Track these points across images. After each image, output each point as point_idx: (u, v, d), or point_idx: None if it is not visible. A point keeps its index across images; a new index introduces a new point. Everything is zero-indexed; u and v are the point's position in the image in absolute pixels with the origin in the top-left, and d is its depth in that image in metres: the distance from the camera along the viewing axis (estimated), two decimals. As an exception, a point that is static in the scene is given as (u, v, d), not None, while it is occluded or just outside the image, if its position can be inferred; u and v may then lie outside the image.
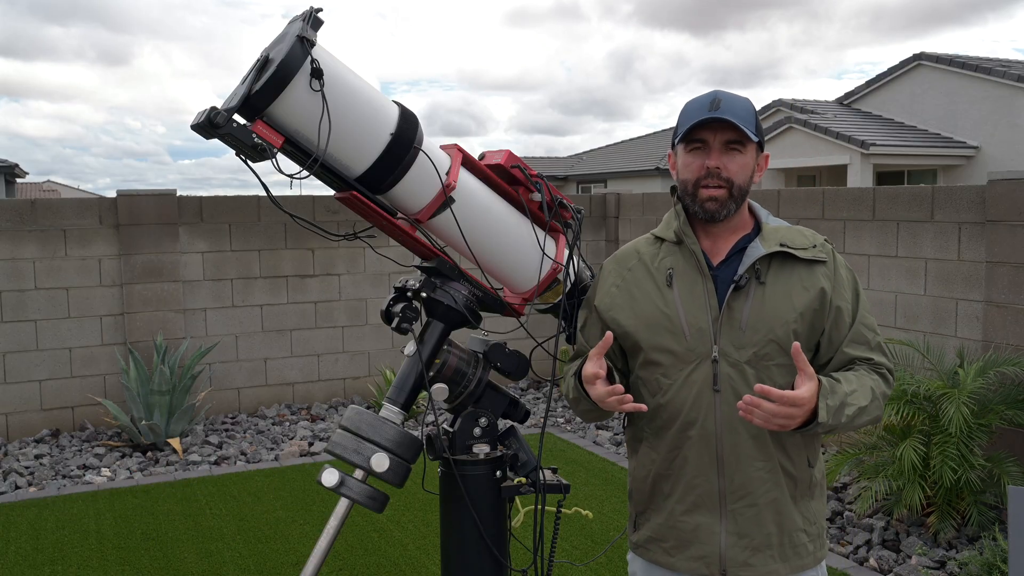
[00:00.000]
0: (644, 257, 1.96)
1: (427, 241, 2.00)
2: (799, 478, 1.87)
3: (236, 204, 6.86)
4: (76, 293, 6.38)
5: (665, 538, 1.91)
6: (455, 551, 2.06)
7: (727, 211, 1.84)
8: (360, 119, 1.78)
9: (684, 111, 1.88)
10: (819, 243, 1.90)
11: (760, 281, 1.83)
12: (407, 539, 4.43)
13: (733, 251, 1.89)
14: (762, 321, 1.81)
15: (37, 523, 4.71)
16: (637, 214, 7.91)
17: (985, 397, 4.27)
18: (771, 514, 1.84)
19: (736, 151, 1.82)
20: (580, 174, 27.23)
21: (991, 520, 4.18)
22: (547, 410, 2.16)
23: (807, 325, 1.83)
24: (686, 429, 1.85)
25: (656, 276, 1.91)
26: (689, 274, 1.88)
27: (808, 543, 1.89)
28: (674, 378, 1.86)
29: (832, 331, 1.86)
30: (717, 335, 1.82)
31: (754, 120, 1.84)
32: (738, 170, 1.82)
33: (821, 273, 1.86)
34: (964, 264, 4.92)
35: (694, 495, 1.86)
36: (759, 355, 1.81)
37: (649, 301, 1.90)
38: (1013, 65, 17.78)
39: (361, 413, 1.95)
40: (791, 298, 1.83)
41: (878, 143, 16.72)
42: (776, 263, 1.86)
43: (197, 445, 6.14)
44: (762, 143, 1.88)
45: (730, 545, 1.84)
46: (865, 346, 1.88)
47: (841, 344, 1.87)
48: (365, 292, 7.33)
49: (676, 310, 1.86)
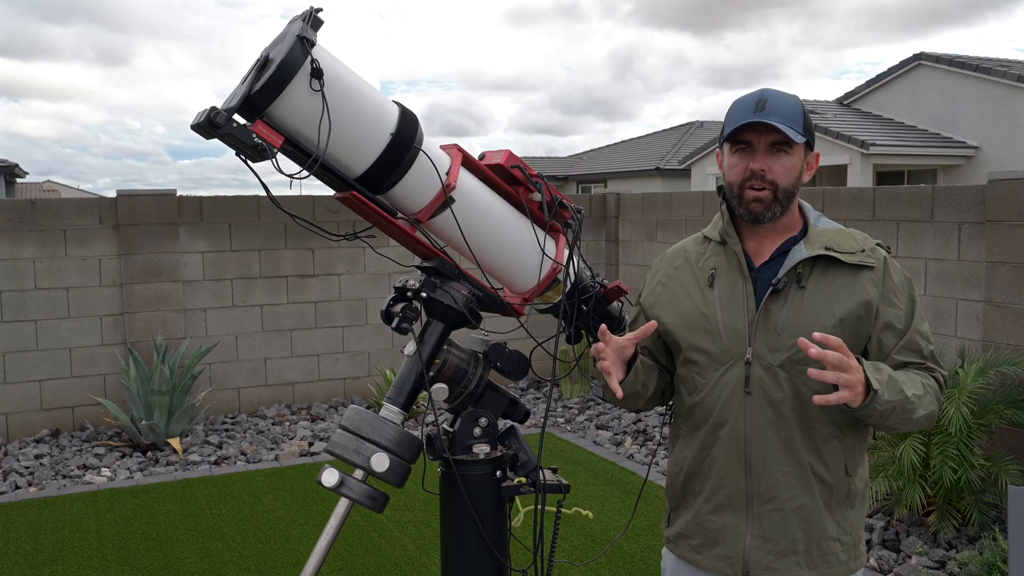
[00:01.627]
0: (691, 256, 1.97)
1: (427, 241, 2.00)
2: (835, 486, 1.83)
3: (236, 204, 6.86)
4: (76, 293, 6.38)
5: (693, 535, 1.92)
6: (455, 551, 2.06)
7: (772, 213, 1.82)
8: (360, 119, 1.78)
9: (730, 111, 1.85)
10: (868, 247, 1.84)
11: (800, 285, 1.80)
12: (407, 539, 4.43)
13: (777, 253, 1.87)
14: (798, 325, 1.78)
15: (37, 523, 4.71)
16: (637, 214, 7.91)
17: (985, 397, 4.27)
18: (798, 520, 1.81)
19: (782, 152, 1.79)
20: (580, 174, 27.23)
21: (991, 520, 4.18)
22: (547, 410, 2.15)
23: (848, 332, 1.78)
24: (717, 429, 1.85)
25: (699, 276, 1.92)
26: (731, 275, 1.87)
27: (841, 552, 1.84)
28: (708, 378, 1.86)
29: (882, 338, 1.81)
30: (752, 337, 1.81)
31: (802, 119, 1.80)
32: (783, 172, 1.80)
33: (868, 279, 1.81)
34: (964, 264, 4.92)
35: (721, 495, 1.86)
36: (793, 360, 1.78)
37: (690, 300, 1.91)
38: (1013, 65, 17.78)
39: (361, 413, 1.94)
40: (831, 304, 1.79)
41: (878, 143, 16.72)
42: (820, 267, 1.82)
43: (197, 445, 6.14)
44: (811, 142, 1.84)
45: (754, 548, 1.83)
46: (917, 354, 1.83)
47: (892, 351, 1.81)
48: (365, 292, 7.33)
49: (714, 310, 1.86)
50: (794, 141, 1.78)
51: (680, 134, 27.27)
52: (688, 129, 27.72)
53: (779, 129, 1.76)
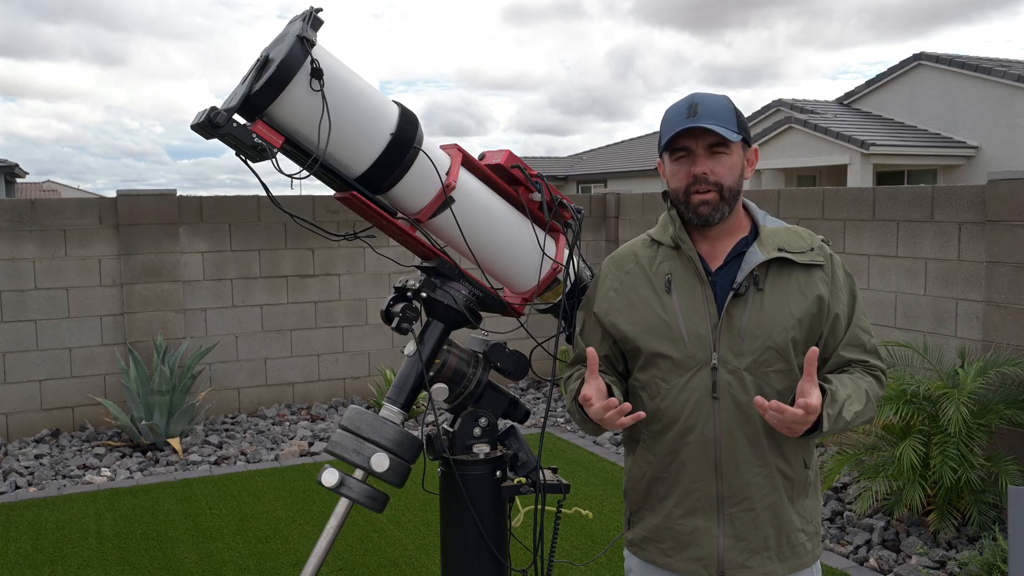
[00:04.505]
0: (642, 260, 1.95)
1: (427, 241, 2.00)
2: (796, 479, 1.89)
3: (236, 204, 6.86)
4: (76, 293, 6.38)
5: (662, 539, 1.92)
6: (455, 551, 2.06)
7: (720, 214, 1.84)
8: (360, 119, 1.78)
9: (664, 119, 1.87)
10: (816, 245, 1.89)
11: (759, 288, 1.83)
12: (407, 539, 4.43)
13: (731, 256, 1.88)
14: (761, 328, 1.81)
15: (37, 523, 4.71)
16: (637, 214, 7.91)
17: (985, 397, 4.27)
18: (769, 517, 1.85)
19: (721, 153, 1.82)
20: (580, 174, 27.22)
21: (991, 520, 4.18)
22: (547, 410, 2.15)
23: (805, 331, 1.83)
24: (684, 435, 1.85)
25: (655, 281, 1.90)
26: (688, 280, 1.87)
27: (806, 542, 1.91)
28: (673, 383, 1.86)
29: (829, 335, 1.87)
30: (716, 342, 1.82)
31: (734, 117, 1.82)
32: (725, 172, 1.82)
33: (819, 278, 1.86)
34: (964, 264, 4.92)
35: (692, 499, 1.87)
36: (758, 362, 1.81)
37: (648, 307, 1.89)
38: (1013, 65, 17.77)
39: (361, 413, 1.95)
40: (790, 305, 1.83)
41: (878, 143, 16.71)
42: (774, 268, 1.85)
43: (197, 445, 6.14)
44: (748, 139, 1.87)
45: (728, 548, 1.85)
46: (860, 348, 1.89)
47: (837, 347, 1.88)
48: (365, 292, 7.33)
49: (675, 317, 1.85)
50: (730, 140, 1.80)
51: (680, 134, 27.24)
52: (688, 129, 27.69)
53: (714, 131, 1.77)
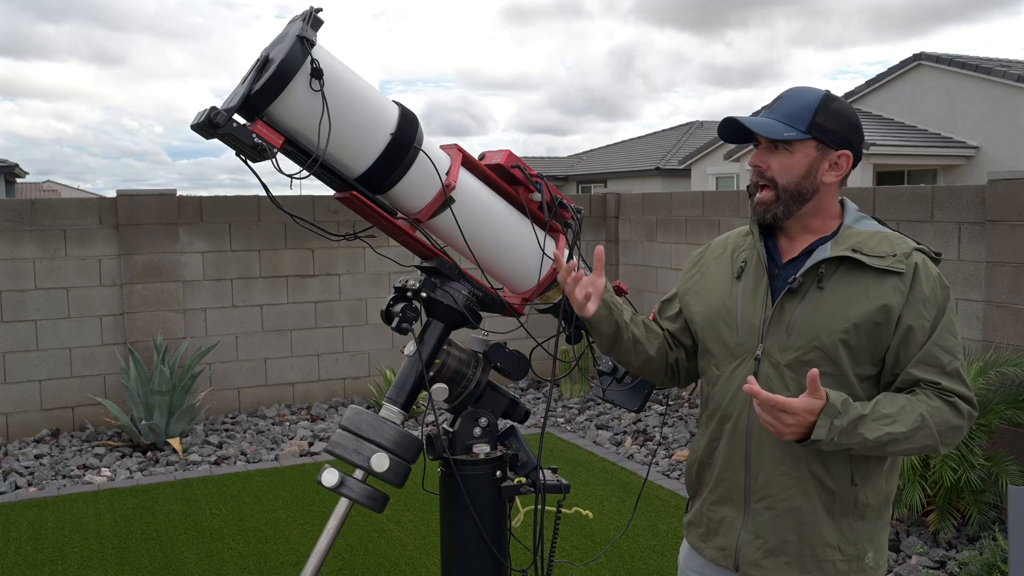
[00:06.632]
0: (730, 247, 1.98)
1: (427, 241, 2.00)
2: (839, 493, 1.77)
3: (236, 204, 6.86)
4: (76, 293, 6.37)
5: (700, 524, 1.95)
6: (455, 551, 2.06)
7: (772, 214, 1.80)
8: (360, 119, 1.78)
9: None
10: (902, 252, 1.74)
11: (819, 286, 1.75)
12: (407, 539, 4.43)
13: (804, 251, 1.83)
14: (810, 326, 1.74)
15: (37, 523, 4.71)
16: (637, 214, 7.91)
17: (985, 397, 4.27)
18: (791, 522, 1.78)
19: (782, 150, 1.77)
20: (580, 174, 27.22)
21: (991, 520, 4.18)
22: (547, 410, 2.15)
23: (862, 337, 1.71)
24: (724, 422, 1.87)
25: (733, 268, 1.93)
26: (757, 270, 1.87)
27: (840, 562, 1.78)
28: (723, 370, 1.87)
29: (900, 349, 1.72)
30: (764, 334, 1.80)
31: (811, 116, 1.74)
32: (781, 170, 1.77)
33: (892, 285, 1.71)
34: (964, 264, 4.92)
35: (723, 487, 1.88)
36: (801, 360, 1.74)
37: (718, 291, 1.92)
38: (1013, 65, 17.77)
39: (361, 413, 1.95)
40: (848, 307, 1.72)
41: (878, 143, 16.70)
42: (844, 268, 1.75)
43: (197, 445, 6.14)
44: (827, 140, 1.75)
45: (746, 543, 1.84)
46: (937, 369, 1.71)
47: (908, 364, 1.72)
48: (365, 292, 7.33)
49: (736, 304, 1.87)
50: (774, 139, 1.75)
51: (680, 134, 27.28)
52: (688, 129, 27.73)
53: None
